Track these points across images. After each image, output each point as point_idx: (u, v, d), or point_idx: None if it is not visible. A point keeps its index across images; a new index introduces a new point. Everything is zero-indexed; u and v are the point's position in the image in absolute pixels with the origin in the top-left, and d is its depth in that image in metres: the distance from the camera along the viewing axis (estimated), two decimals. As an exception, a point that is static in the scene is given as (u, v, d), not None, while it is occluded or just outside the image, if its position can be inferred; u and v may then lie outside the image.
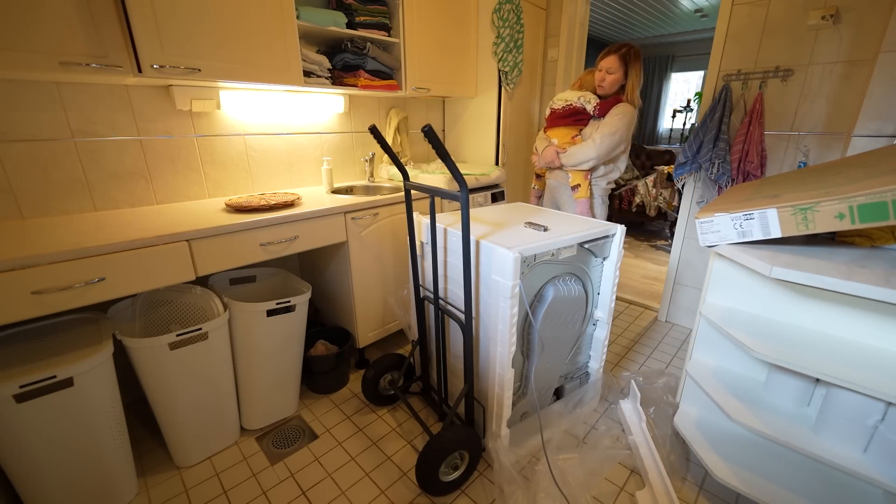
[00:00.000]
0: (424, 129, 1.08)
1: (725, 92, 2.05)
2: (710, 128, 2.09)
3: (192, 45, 1.41)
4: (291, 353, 1.66)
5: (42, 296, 1.09)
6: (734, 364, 1.41)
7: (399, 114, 2.44)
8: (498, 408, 1.41)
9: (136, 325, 1.49)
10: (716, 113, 2.07)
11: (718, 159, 2.06)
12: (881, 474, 0.99)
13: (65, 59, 1.23)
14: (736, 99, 2.08)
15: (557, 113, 2.04)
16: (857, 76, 1.78)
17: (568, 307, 1.47)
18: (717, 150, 2.07)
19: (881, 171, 1.08)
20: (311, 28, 1.75)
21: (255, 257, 1.52)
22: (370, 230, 1.88)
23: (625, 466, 1.49)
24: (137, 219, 1.47)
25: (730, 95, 2.06)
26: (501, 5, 2.33)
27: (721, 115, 2.06)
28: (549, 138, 2.11)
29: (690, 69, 6.77)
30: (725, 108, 2.06)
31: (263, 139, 1.99)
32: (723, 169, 2.06)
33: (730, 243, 1.23)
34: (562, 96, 2.06)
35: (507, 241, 1.28)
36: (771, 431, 1.14)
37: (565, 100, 2.02)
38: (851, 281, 0.95)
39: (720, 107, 2.06)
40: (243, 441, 1.61)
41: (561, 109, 2.03)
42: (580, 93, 2.00)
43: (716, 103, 2.08)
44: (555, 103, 2.07)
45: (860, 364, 1.03)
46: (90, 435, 1.21)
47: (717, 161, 2.06)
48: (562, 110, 2.02)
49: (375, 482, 1.43)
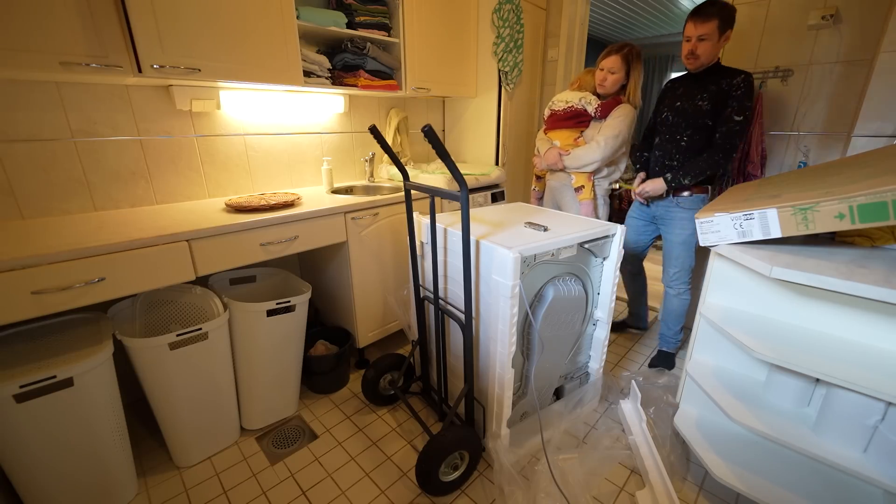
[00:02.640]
0: (424, 129, 1.08)
1: (725, 92, 2.05)
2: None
3: (192, 46, 1.41)
4: (291, 353, 1.66)
5: (42, 296, 1.09)
6: (734, 364, 1.41)
7: (399, 114, 2.44)
8: (498, 408, 1.41)
9: (136, 325, 1.49)
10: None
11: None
12: (881, 474, 0.99)
13: (65, 59, 1.23)
14: (736, 99, 2.07)
15: (558, 115, 2.04)
16: (857, 76, 1.78)
17: (568, 307, 1.47)
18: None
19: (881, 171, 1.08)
20: (311, 28, 1.76)
21: (255, 257, 1.52)
22: (370, 230, 1.88)
23: (625, 466, 1.49)
24: (138, 219, 1.47)
25: (730, 95, 2.06)
26: (501, 5, 2.33)
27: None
28: (550, 140, 2.11)
29: (690, 69, 6.75)
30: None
31: (263, 139, 1.99)
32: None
33: (730, 243, 1.23)
34: (562, 97, 2.06)
35: (507, 241, 1.28)
36: (771, 431, 1.14)
37: (566, 101, 2.02)
38: (851, 281, 0.95)
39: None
40: (243, 441, 1.61)
41: (562, 111, 2.02)
42: (581, 94, 2.00)
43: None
44: (555, 104, 2.07)
45: (860, 364, 1.03)
46: (90, 435, 1.21)
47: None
48: (563, 112, 2.02)
49: (375, 482, 1.43)
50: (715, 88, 1.64)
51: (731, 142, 1.58)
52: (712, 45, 1.58)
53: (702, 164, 1.65)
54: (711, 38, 1.57)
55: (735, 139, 1.58)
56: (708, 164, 1.65)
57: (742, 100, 1.56)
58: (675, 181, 1.70)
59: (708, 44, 1.58)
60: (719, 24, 1.55)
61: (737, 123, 1.56)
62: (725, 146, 1.59)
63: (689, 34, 1.63)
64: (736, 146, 1.60)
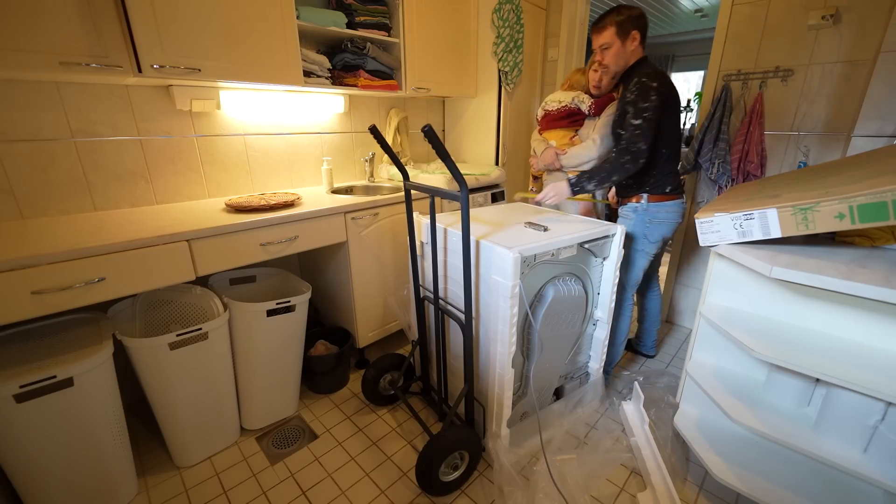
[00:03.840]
0: (424, 129, 1.08)
1: (725, 92, 2.05)
2: (710, 128, 2.09)
3: (192, 45, 1.41)
4: (291, 353, 1.66)
5: (42, 296, 1.09)
6: (734, 364, 1.41)
7: (399, 114, 2.44)
8: (498, 408, 1.41)
9: (136, 325, 1.49)
10: (716, 114, 2.07)
11: (718, 159, 2.06)
12: (881, 474, 0.99)
13: (65, 59, 1.23)
14: (736, 99, 2.08)
15: (552, 115, 2.04)
16: (857, 76, 1.77)
17: (568, 307, 1.47)
18: (717, 150, 2.07)
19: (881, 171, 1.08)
20: (311, 28, 1.75)
21: (255, 257, 1.52)
22: (370, 230, 1.88)
23: (625, 467, 1.49)
24: (137, 219, 1.47)
25: (730, 95, 2.06)
26: (501, 5, 2.33)
27: (721, 115, 2.06)
28: (545, 140, 2.11)
29: (690, 69, 6.77)
30: (725, 109, 2.05)
31: (263, 139, 1.99)
32: (723, 169, 2.06)
33: (730, 243, 1.23)
34: (554, 97, 2.06)
35: (507, 241, 1.28)
36: (771, 431, 1.14)
37: (559, 101, 2.02)
38: (851, 281, 0.95)
39: (720, 107, 2.06)
40: (243, 441, 1.61)
41: (556, 111, 2.03)
42: (573, 93, 2.00)
43: (716, 104, 2.08)
44: (548, 105, 2.07)
45: (860, 364, 1.03)
46: (90, 435, 1.21)
47: (717, 161, 2.06)
48: (556, 112, 2.02)
49: (375, 482, 1.43)
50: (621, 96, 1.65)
51: (636, 145, 1.48)
52: (616, 52, 1.59)
53: (607, 167, 1.53)
54: (613, 45, 1.58)
55: (639, 142, 1.48)
56: (614, 168, 1.52)
57: (636, 103, 1.48)
58: (577, 185, 1.56)
59: (610, 51, 1.59)
60: (616, 30, 1.56)
61: (636, 127, 1.48)
62: (630, 149, 1.49)
63: (593, 46, 1.66)
64: (642, 150, 1.47)
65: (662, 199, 1.65)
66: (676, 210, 1.68)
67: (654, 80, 1.47)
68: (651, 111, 1.46)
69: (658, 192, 1.65)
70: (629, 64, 1.61)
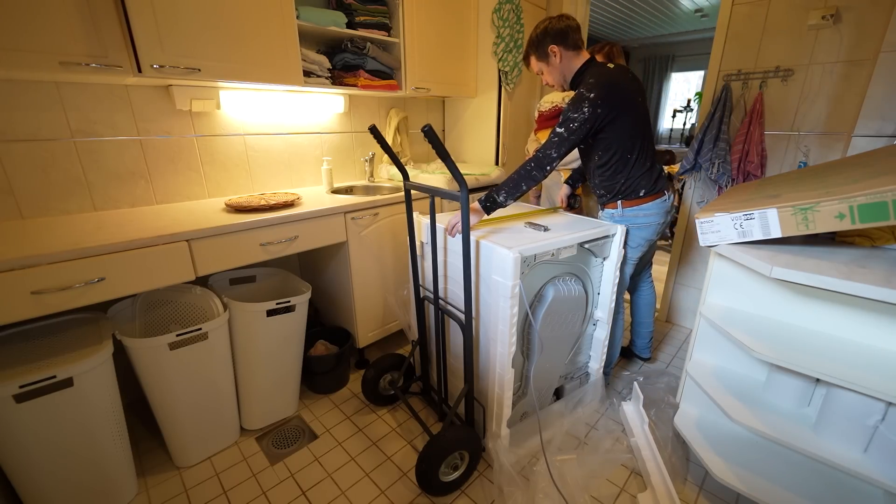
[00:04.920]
0: (424, 129, 1.08)
1: (725, 92, 2.05)
2: (711, 128, 2.09)
3: (192, 45, 1.41)
4: (291, 353, 1.66)
5: (42, 296, 1.09)
6: (734, 364, 1.41)
7: (399, 114, 2.44)
8: (498, 408, 1.41)
9: (136, 325, 1.49)
10: (716, 114, 2.07)
11: (718, 159, 2.06)
12: (881, 474, 0.99)
13: (65, 59, 1.23)
14: (736, 99, 2.08)
15: (545, 115, 2.06)
16: (857, 76, 1.77)
17: (568, 307, 1.47)
18: (717, 150, 2.07)
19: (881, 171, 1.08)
20: (311, 28, 1.75)
21: (255, 257, 1.52)
22: (370, 230, 1.88)
23: (625, 467, 1.49)
24: (137, 219, 1.47)
25: (730, 95, 2.06)
26: (501, 5, 2.33)
27: (721, 115, 2.06)
28: (539, 140, 2.12)
29: (690, 69, 6.77)
30: (725, 108, 2.06)
31: (263, 139, 1.99)
32: (723, 169, 2.06)
33: (730, 243, 1.23)
34: (548, 98, 2.07)
35: (507, 241, 1.28)
36: (771, 431, 1.14)
37: (551, 101, 2.03)
38: (851, 281, 0.95)
39: (720, 107, 2.06)
40: (243, 441, 1.61)
41: (548, 111, 2.04)
42: (564, 93, 2.00)
43: (716, 104, 2.08)
44: (542, 105, 2.09)
45: (860, 364, 1.03)
46: (90, 435, 1.21)
47: (717, 161, 2.06)
48: (549, 112, 2.04)
49: (375, 482, 1.43)
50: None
51: (546, 152, 1.42)
52: (549, 72, 1.59)
53: (515, 176, 1.44)
54: (543, 69, 1.60)
55: (551, 150, 1.42)
56: (521, 176, 1.43)
57: (567, 111, 1.45)
58: (488, 200, 1.43)
59: (545, 75, 1.61)
60: (536, 56, 1.57)
61: (555, 135, 1.43)
62: (539, 155, 1.44)
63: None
64: (551, 157, 1.41)
65: (638, 202, 1.59)
66: (655, 211, 1.61)
67: (593, 90, 1.40)
68: (576, 122, 1.40)
69: (632, 197, 1.59)
70: (572, 73, 1.56)
